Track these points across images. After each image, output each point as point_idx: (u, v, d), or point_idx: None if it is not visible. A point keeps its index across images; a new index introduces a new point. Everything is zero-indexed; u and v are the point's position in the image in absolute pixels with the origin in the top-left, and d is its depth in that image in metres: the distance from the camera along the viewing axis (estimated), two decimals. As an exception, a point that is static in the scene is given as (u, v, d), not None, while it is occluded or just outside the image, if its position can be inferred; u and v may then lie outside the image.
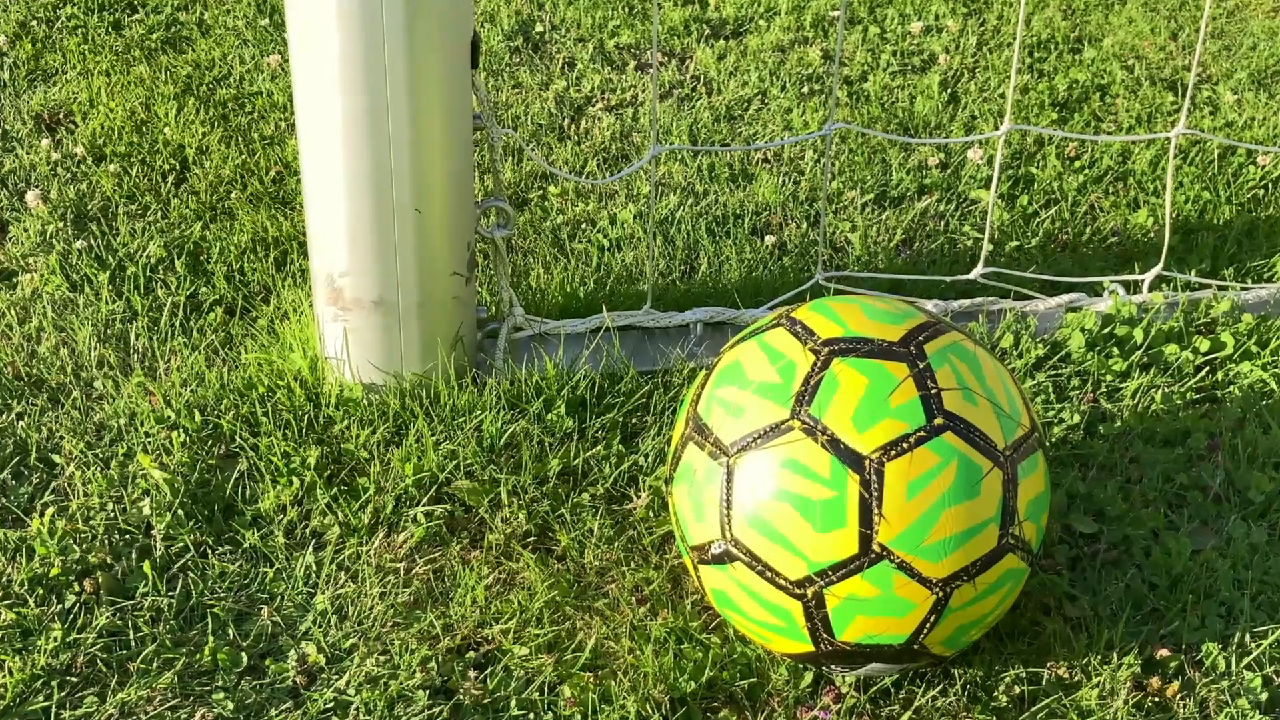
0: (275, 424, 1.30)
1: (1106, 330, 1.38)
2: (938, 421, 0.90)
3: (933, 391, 0.91)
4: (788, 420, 0.92)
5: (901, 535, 0.89)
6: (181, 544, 1.17)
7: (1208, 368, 1.37)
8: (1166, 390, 1.34)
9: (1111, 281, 1.48)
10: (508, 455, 1.26)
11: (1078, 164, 1.80)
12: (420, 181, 1.22)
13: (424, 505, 1.21)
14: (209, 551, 1.17)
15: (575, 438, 1.27)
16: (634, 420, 1.31)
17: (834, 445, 0.90)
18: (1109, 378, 1.35)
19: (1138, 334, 1.37)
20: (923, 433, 0.90)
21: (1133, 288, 1.49)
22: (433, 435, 1.27)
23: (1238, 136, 1.85)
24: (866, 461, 0.89)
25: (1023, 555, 0.94)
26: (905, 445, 0.89)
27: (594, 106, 1.97)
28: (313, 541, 1.18)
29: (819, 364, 0.93)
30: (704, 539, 0.96)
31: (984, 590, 0.91)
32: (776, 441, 0.91)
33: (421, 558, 1.17)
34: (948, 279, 1.48)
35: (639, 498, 1.21)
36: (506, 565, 1.16)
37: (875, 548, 0.89)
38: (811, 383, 0.92)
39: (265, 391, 1.33)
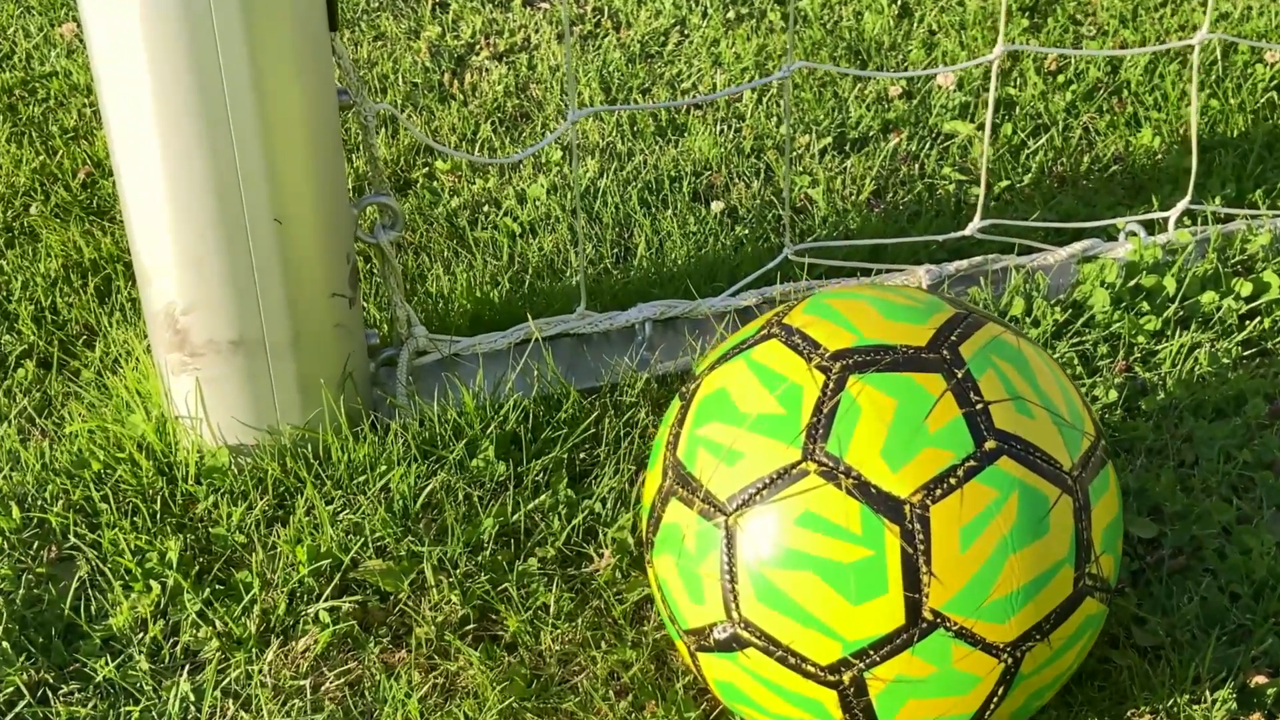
0: (120, 511, 1.14)
1: (1132, 282, 1.31)
2: (989, 445, 0.80)
3: (978, 407, 0.81)
4: (800, 463, 0.81)
5: (959, 596, 0.79)
6: (11, 688, 1.01)
7: (1254, 316, 1.31)
8: (1210, 348, 1.27)
9: (1128, 222, 1.41)
10: (427, 520, 1.13)
11: (1061, 78, 1.72)
12: (277, 182, 1.06)
13: (327, 599, 1.07)
14: (50, 694, 1.01)
15: (511, 487, 1.14)
16: (582, 455, 1.19)
17: (863, 490, 0.79)
18: (1142, 340, 1.28)
19: (1169, 283, 1.30)
20: (972, 462, 0.80)
21: (1153, 226, 1.42)
22: (328, 505, 1.13)
23: (1235, 31, 1.80)
24: (906, 507, 0.79)
25: (1101, 596, 0.85)
26: (952, 481, 0.79)
27: (478, 55, 1.82)
28: (187, 664, 1.04)
29: (831, 385, 0.82)
30: (703, 621, 0.85)
31: (1060, 647, 0.82)
32: (788, 492, 0.80)
33: (331, 669, 1.03)
34: (939, 238, 1.38)
35: (601, 556, 1.09)
36: (443, 666, 1.03)
37: (927, 615, 0.79)
38: (825, 411, 0.81)
39: (101, 469, 1.17)
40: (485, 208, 1.55)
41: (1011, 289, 1.32)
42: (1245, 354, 1.28)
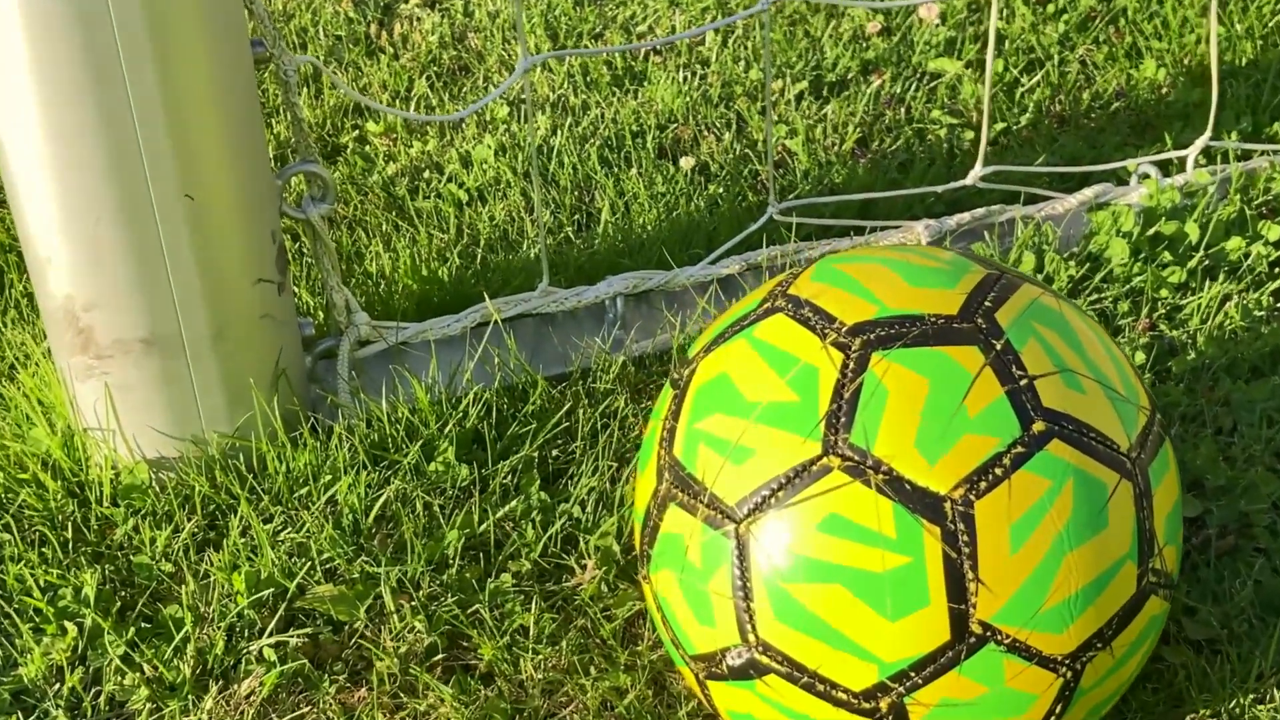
0: (25, 541, 1.03)
1: (1151, 230, 1.24)
2: (1038, 428, 0.73)
3: (1023, 383, 0.73)
4: (820, 458, 0.73)
5: (1010, 604, 0.71)
6: (-96, 759, 0.91)
7: (1284, 261, 1.26)
8: (1240, 300, 1.21)
9: (1140, 163, 1.34)
10: (382, 536, 1.04)
11: (1051, 8, 1.65)
12: (186, 151, 0.96)
13: (271, 634, 0.97)
14: (-49, 764, 0.91)
15: (476, 493, 1.06)
16: (555, 453, 1.10)
17: (896, 487, 0.71)
18: (1165, 294, 1.21)
19: (1190, 230, 1.23)
20: (1020, 448, 0.72)
21: (1167, 166, 1.36)
22: (266, 524, 1.03)
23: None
24: (947, 505, 0.71)
25: (1165, 594, 0.78)
26: (998, 471, 0.72)
27: (407, 3, 1.71)
28: (113, 717, 0.94)
29: (851, 365, 0.74)
30: (714, 646, 0.77)
31: (1123, 655, 0.76)
32: (808, 492, 0.72)
33: (281, 715, 0.94)
34: (939, 189, 1.31)
35: (583, 567, 1.01)
36: (410, 705, 0.94)
37: (975, 628, 0.72)
38: (846, 395, 0.73)
39: (1, 493, 1.06)
40: (426, 173, 1.45)
41: (1020, 243, 1.24)
42: (1278, 306, 1.22)
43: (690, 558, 0.77)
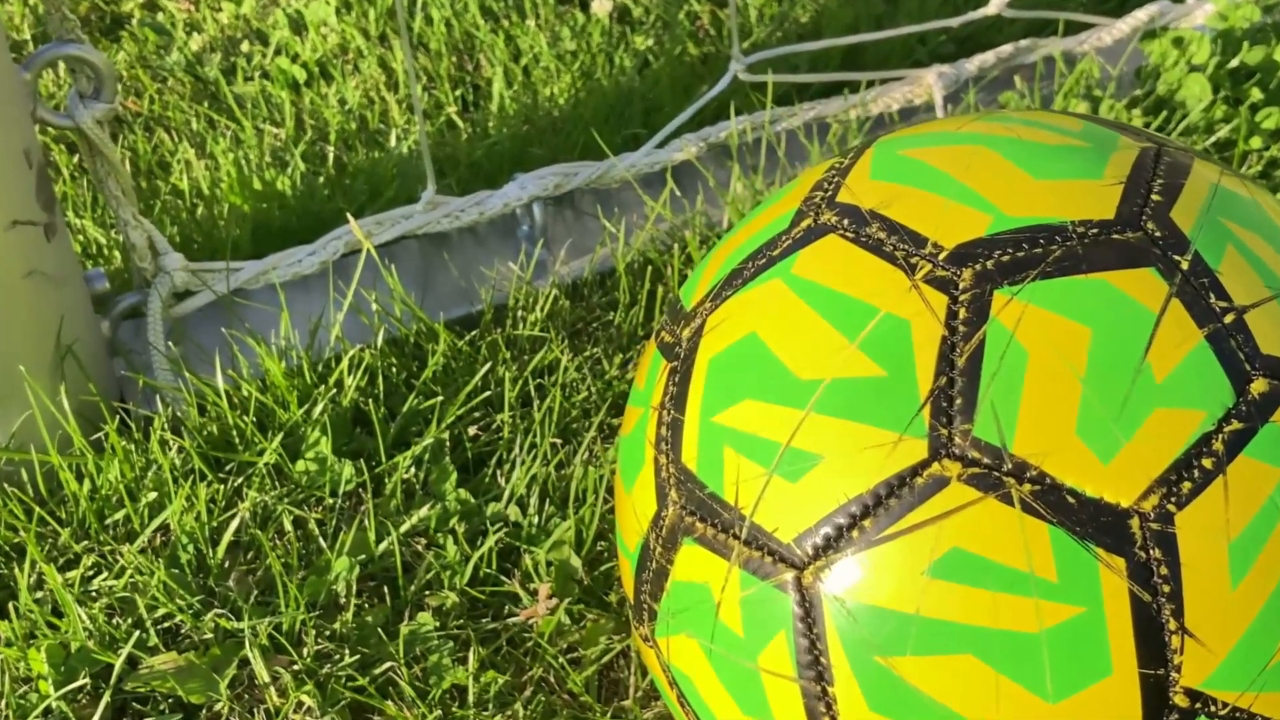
0: None
1: (1233, 63, 1.04)
2: (1259, 388, 0.52)
3: (1228, 320, 0.52)
4: (929, 463, 0.51)
5: (1231, 660, 0.51)
6: None
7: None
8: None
9: (1197, -27, 1.13)
10: (239, 574, 0.80)
11: None
12: None
13: (91, 744, 0.73)
14: None
15: (368, 498, 0.82)
16: (473, 431, 0.87)
17: (1053, 501, 0.50)
18: (1258, 144, 1.01)
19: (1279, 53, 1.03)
20: (1236, 423, 0.51)
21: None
22: (66, 570, 0.78)
23: None
24: (1134, 521, 0.50)
25: None
26: (1207, 464, 0.51)
27: None
28: None
29: (963, 312, 0.52)
30: (771, 748, 0.55)
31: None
32: (914, 518, 0.51)
33: None
34: (953, 23, 1.07)
35: (533, 593, 0.79)
36: (308, 827, 0.72)
37: (1179, 700, 0.51)
38: (960, 362, 0.51)
39: None
40: (245, 46, 1.16)
41: (1067, 89, 1.02)
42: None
43: (725, 620, 0.55)
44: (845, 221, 0.56)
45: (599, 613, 0.77)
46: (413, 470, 0.83)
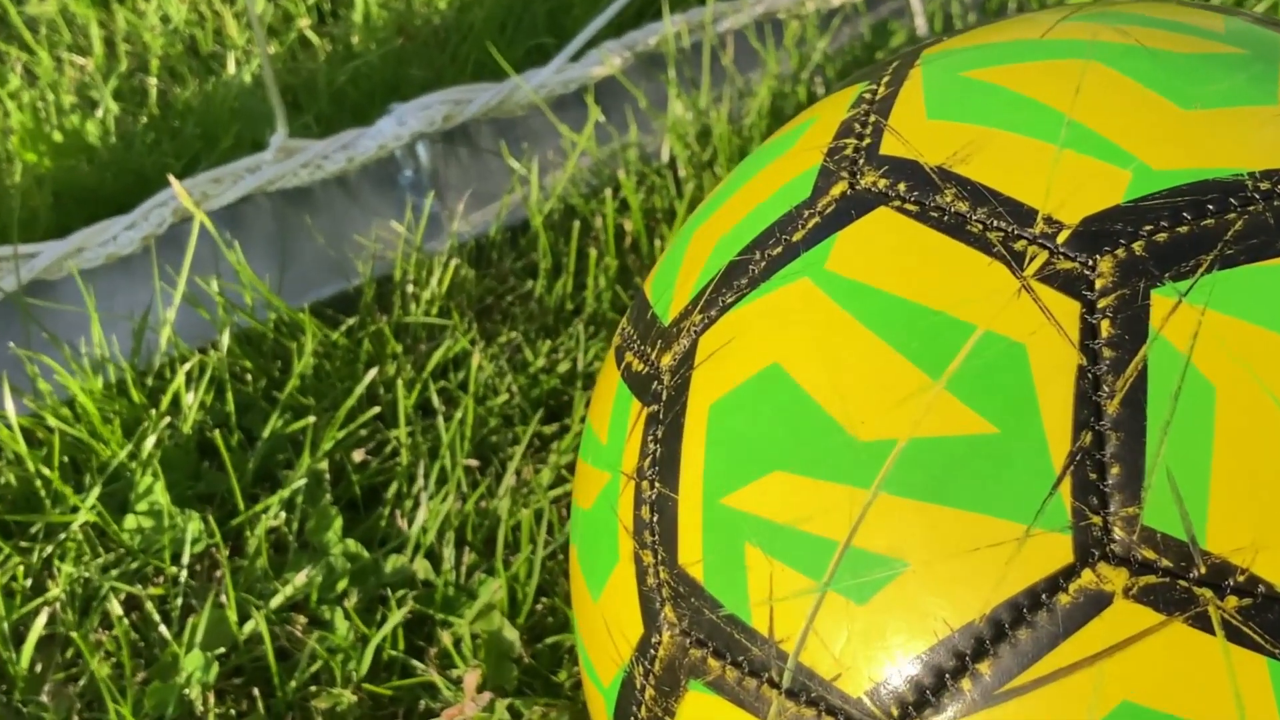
0: None
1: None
2: None
3: None
4: (1076, 570, 0.34)
5: None
6: None
7: None
8: None
9: None
10: (55, 684, 0.61)
11: None
12: None
13: None
14: None
15: (223, 560, 0.63)
16: (359, 458, 0.68)
17: (1271, 619, 0.34)
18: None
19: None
20: None
21: None
22: None
23: None
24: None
25: None
26: None
27: None
28: None
29: (1112, 330, 0.35)
30: None
31: None
32: (1060, 658, 0.34)
33: None
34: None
35: (456, 683, 0.61)
36: None
37: None
38: (1110, 410, 0.35)
39: None
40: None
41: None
42: None
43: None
44: (902, 186, 0.39)
45: (548, 703, 0.60)
46: (282, 516, 0.65)
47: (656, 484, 0.40)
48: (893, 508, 0.35)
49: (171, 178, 0.70)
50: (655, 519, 0.40)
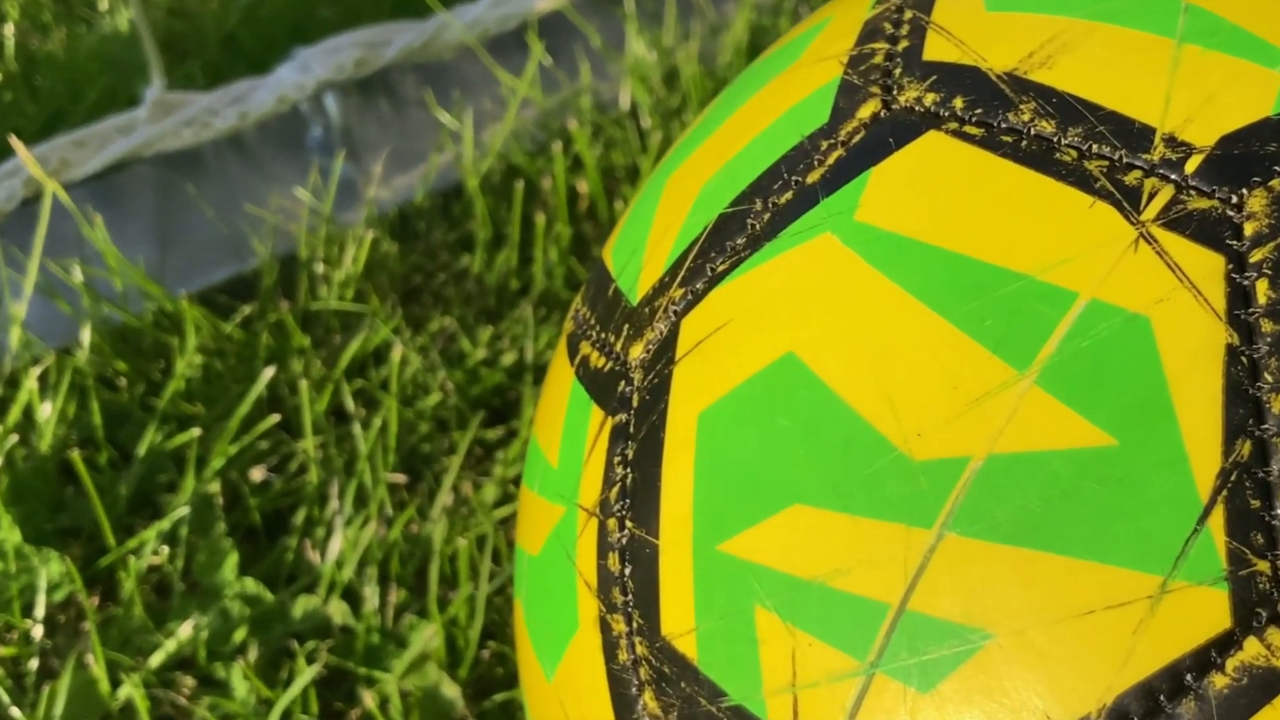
0: None
1: None
2: None
3: None
4: (1234, 636, 0.25)
5: None
6: None
7: None
8: None
9: None
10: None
11: None
12: None
13: None
14: None
15: (89, 610, 0.53)
16: (261, 473, 0.58)
17: None
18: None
19: None
20: None
21: None
22: None
23: None
24: None
25: None
26: None
27: None
28: None
29: (1272, 293, 0.25)
30: None
31: None
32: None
33: None
34: None
35: (382, 749, 0.52)
36: None
37: None
38: (1276, 409, 0.25)
39: None
40: None
41: None
42: None
43: None
44: (958, 103, 0.29)
45: (496, 771, 0.50)
46: (165, 552, 0.55)
47: (628, 523, 0.30)
48: (966, 555, 0.26)
49: (16, 141, 0.59)
50: (627, 572, 0.30)
